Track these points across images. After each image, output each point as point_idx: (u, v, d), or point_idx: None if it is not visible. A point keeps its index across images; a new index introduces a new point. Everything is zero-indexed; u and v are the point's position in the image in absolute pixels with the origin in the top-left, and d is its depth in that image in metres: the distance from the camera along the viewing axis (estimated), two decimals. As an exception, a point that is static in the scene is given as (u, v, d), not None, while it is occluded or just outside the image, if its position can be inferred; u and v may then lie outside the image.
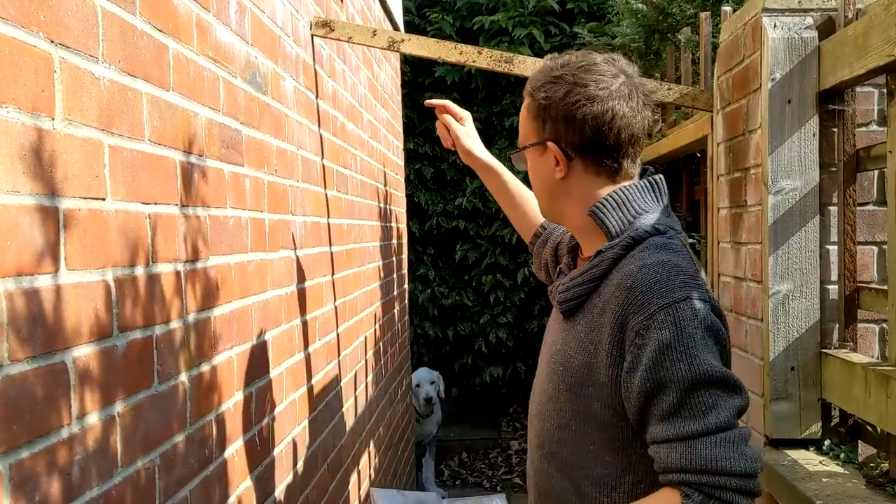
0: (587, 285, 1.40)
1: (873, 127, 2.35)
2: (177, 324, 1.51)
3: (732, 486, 1.19)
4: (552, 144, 1.42)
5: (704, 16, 3.10)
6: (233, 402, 1.80)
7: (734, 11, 2.56)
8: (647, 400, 1.26)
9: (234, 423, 1.81)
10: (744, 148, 2.38)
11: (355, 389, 3.31)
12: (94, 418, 1.20)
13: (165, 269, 1.47)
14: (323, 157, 2.82)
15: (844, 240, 2.12)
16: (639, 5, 4.25)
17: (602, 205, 1.40)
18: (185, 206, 1.57)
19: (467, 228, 6.72)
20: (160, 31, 1.49)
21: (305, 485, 2.42)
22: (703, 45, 3.02)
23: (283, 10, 2.34)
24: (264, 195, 2.09)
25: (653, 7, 4.20)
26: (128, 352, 1.31)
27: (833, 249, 2.12)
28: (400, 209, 4.99)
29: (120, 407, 1.28)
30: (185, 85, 1.59)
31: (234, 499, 1.79)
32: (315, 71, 2.74)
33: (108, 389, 1.24)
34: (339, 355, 2.99)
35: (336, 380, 2.92)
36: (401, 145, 5.25)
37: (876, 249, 2.30)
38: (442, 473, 6.13)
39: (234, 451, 1.81)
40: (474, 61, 2.68)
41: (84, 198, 1.20)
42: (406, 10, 6.32)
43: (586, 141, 1.39)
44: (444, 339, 6.82)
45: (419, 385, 5.68)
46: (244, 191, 1.92)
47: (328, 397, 2.78)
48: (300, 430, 2.39)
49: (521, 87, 1.50)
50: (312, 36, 2.71)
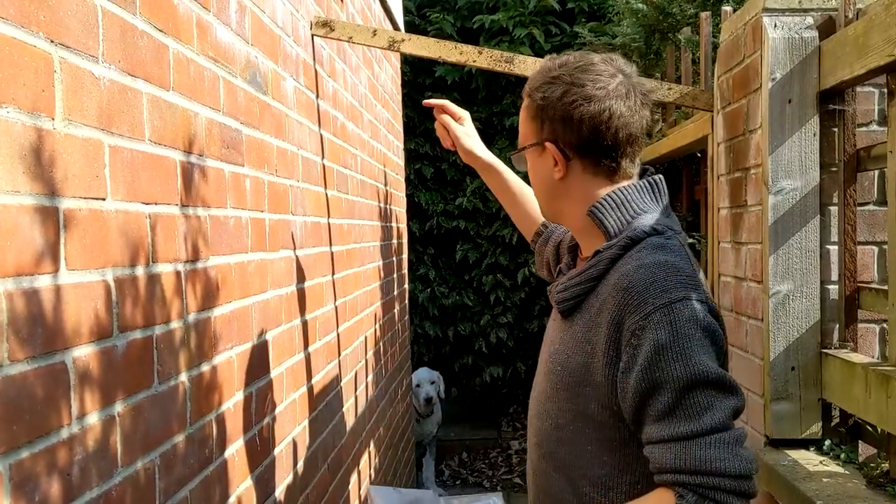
0: (585, 285, 1.40)
1: (874, 127, 2.35)
2: (177, 324, 1.51)
3: (726, 487, 1.19)
4: (550, 145, 1.42)
5: (705, 16, 3.10)
6: (233, 402, 1.80)
7: (734, 11, 2.56)
8: (643, 400, 1.26)
9: (235, 423, 1.81)
10: (744, 148, 2.38)
11: (355, 389, 3.31)
12: (94, 418, 1.20)
13: (165, 269, 1.47)
14: (323, 157, 2.82)
15: (845, 240, 2.12)
16: (639, 5, 4.25)
17: (601, 205, 1.40)
18: (186, 206, 1.56)
19: (467, 228, 6.72)
20: (160, 30, 1.49)
21: (306, 485, 2.42)
22: (703, 45, 3.02)
23: (283, 10, 2.34)
24: (264, 195, 2.09)
25: (653, 7, 4.20)
26: (128, 352, 1.31)
27: (833, 249, 2.12)
28: (400, 209, 4.99)
29: (120, 407, 1.28)
30: (186, 85, 1.59)
31: (234, 499, 1.79)
32: (315, 71, 2.74)
33: (108, 389, 1.24)
34: (339, 355, 2.99)
35: (336, 380, 2.92)
36: (401, 145, 5.25)
37: (876, 249, 2.30)
38: (442, 473, 6.13)
39: (235, 451, 1.81)
40: (474, 61, 2.68)
41: (84, 198, 1.20)
42: (406, 11, 6.32)
43: (584, 141, 1.39)
44: (445, 338, 6.82)
45: (419, 385, 5.67)
46: (244, 191, 1.92)
47: (328, 397, 2.78)
48: (300, 430, 2.39)
49: (522, 86, 1.51)
50: (313, 36, 2.71)
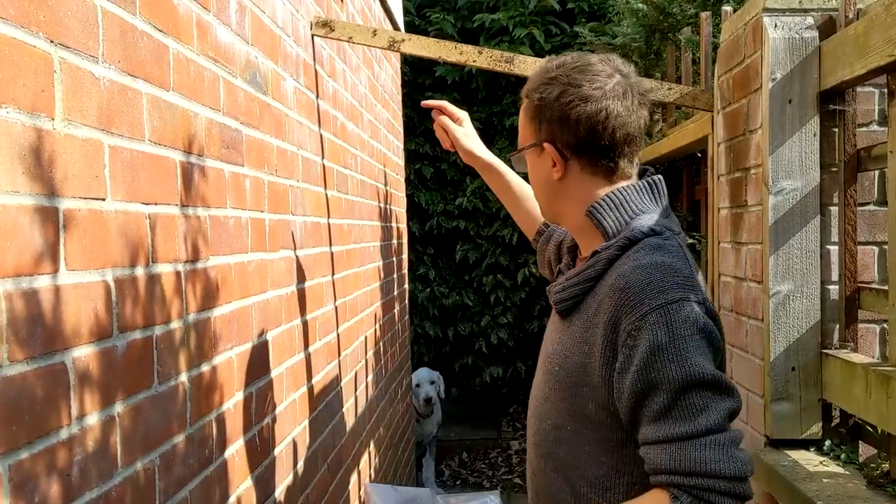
0: (583, 285, 1.40)
1: (874, 127, 2.35)
2: (177, 324, 1.50)
3: (721, 489, 1.19)
4: (548, 145, 1.42)
5: (705, 16, 3.10)
6: (233, 402, 1.80)
7: (735, 11, 2.56)
8: (639, 401, 1.26)
9: (235, 424, 1.81)
10: (744, 148, 2.38)
11: (355, 389, 3.31)
12: (94, 419, 1.20)
13: (165, 269, 1.46)
14: (323, 157, 2.82)
15: (845, 240, 2.12)
16: (639, 5, 4.25)
17: (599, 205, 1.40)
18: (186, 206, 1.56)
19: (468, 228, 6.71)
20: (160, 31, 1.48)
21: (305, 485, 2.42)
22: (703, 45, 3.02)
23: (283, 10, 2.34)
24: (264, 195, 2.09)
25: (653, 7, 4.20)
26: (128, 352, 1.31)
27: (834, 249, 2.12)
28: (400, 209, 4.99)
29: (120, 407, 1.28)
30: (186, 85, 1.59)
31: (234, 499, 1.79)
32: (315, 71, 2.74)
33: (108, 390, 1.24)
34: (339, 355, 2.99)
35: (336, 380, 2.92)
36: (401, 145, 5.24)
37: (877, 249, 2.29)
38: (442, 473, 6.12)
39: (235, 451, 1.81)
40: (474, 61, 2.68)
41: (84, 198, 1.20)
42: (406, 11, 6.32)
43: (581, 141, 1.39)
44: (445, 339, 6.81)
45: (419, 385, 5.67)
46: (244, 191, 1.92)
47: (328, 397, 2.77)
48: (300, 431, 2.38)
49: (522, 86, 1.51)
50: (313, 36, 2.71)
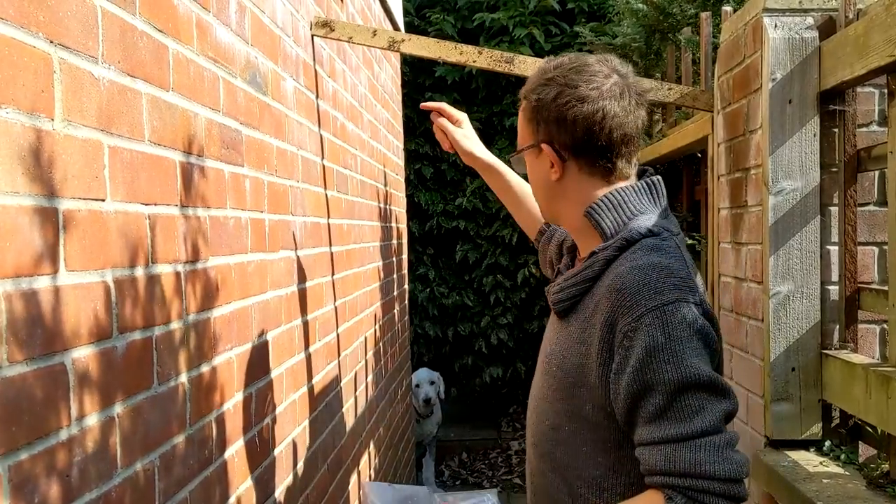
0: (580, 286, 1.40)
1: (874, 127, 2.34)
2: (176, 325, 1.50)
3: (715, 491, 1.19)
4: (546, 146, 1.42)
5: (705, 16, 3.09)
6: (233, 402, 1.80)
7: (735, 11, 2.55)
8: (635, 402, 1.26)
9: (234, 424, 1.81)
10: (744, 148, 2.38)
11: (355, 390, 3.31)
12: (94, 420, 1.20)
13: (165, 269, 1.46)
14: (323, 158, 2.82)
15: (845, 240, 2.11)
16: (639, 5, 4.25)
17: (597, 206, 1.40)
18: (185, 206, 1.56)
19: (467, 228, 6.71)
20: (160, 31, 1.48)
21: (305, 485, 2.42)
22: (703, 45, 3.02)
23: (283, 10, 2.34)
24: (264, 195, 2.09)
25: (653, 7, 4.20)
26: (127, 353, 1.31)
27: (834, 250, 2.12)
28: (400, 209, 4.99)
29: (119, 408, 1.28)
30: (185, 85, 1.59)
31: (233, 500, 1.79)
32: (315, 71, 2.74)
33: (108, 391, 1.24)
34: (339, 356, 2.99)
35: (336, 380, 2.92)
36: (401, 145, 5.24)
37: (877, 250, 2.29)
38: (442, 474, 6.12)
39: (234, 451, 1.81)
40: (474, 61, 2.68)
41: (83, 199, 1.20)
42: (406, 11, 6.32)
43: (578, 141, 1.39)
44: (444, 339, 6.81)
45: (419, 385, 5.67)
46: (244, 191, 1.92)
47: (328, 398, 2.77)
48: (300, 431, 2.38)
49: (522, 87, 1.51)
50: (313, 36, 2.71)
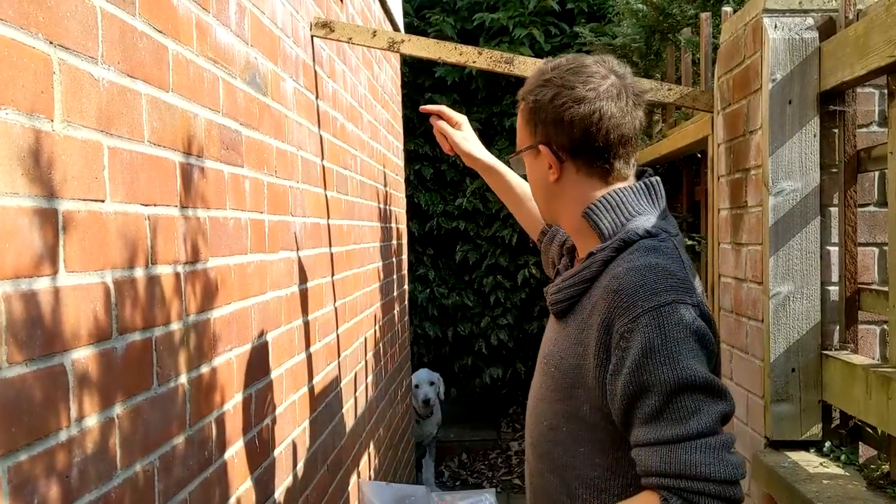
0: (578, 287, 1.40)
1: (874, 128, 2.34)
2: (176, 325, 1.50)
3: (711, 492, 1.19)
4: (544, 147, 1.42)
5: (705, 16, 3.09)
6: (232, 403, 1.80)
7: (735, 12, 2.55)
8: (631, 403, 1.26)
9: (234, 425, 1.81)
10: (744, 149, 2.38)
11: (355, 390, 3.31)
12: (93, 421, 1.20)
13: (165, 270, 1.46)
14: (323, 158, 2.82)
15: (845, 241, 2.11)
16: (639, 5, 4.25)
17: (595, 206, 1.41)
18: (185, 207, 1.56)
19: (467, 229, 6.71)
20: (160, 32, 1.48)
21: (305, 486, 2.42)
22: (703, 46, 3.02)
23: (282, 11, 2.34)
24: (264, 196, 2.09)
25: (653, 7, 4.20)
26: (127, 354, 1.31)
27: (834, 251, 2.12)
28: (400, 210, 4.99)
29: (119, 409, 1.27)
30: (185, 86, 1.59)
31: (233, 500, 1.79)
32: (315, 72, 2.74)
33: (107, 392, 1.24)
34: (339, 356, 2.99)
35: (336, 381, 2.92)
36: (401, 146, 5.24)
37: (877, 251, 2.29)
38: (442, 474, 6.12)
39: (234, 452, 1.80)
40: (474, 62, 2.68)
41: (83, 199, 1.19)
42: (405, 12, 6.31)
43: (576, 143, 1.39)
44: (444, 339, 6.81)
45: (418, 386, 5.67)
46: (244, 192, 1.92)
47: (328, 398, 2.77)
48: (300, 432, 2.38)
49: (521, 87, 1.51)
50: (312, 37, 2.71)
